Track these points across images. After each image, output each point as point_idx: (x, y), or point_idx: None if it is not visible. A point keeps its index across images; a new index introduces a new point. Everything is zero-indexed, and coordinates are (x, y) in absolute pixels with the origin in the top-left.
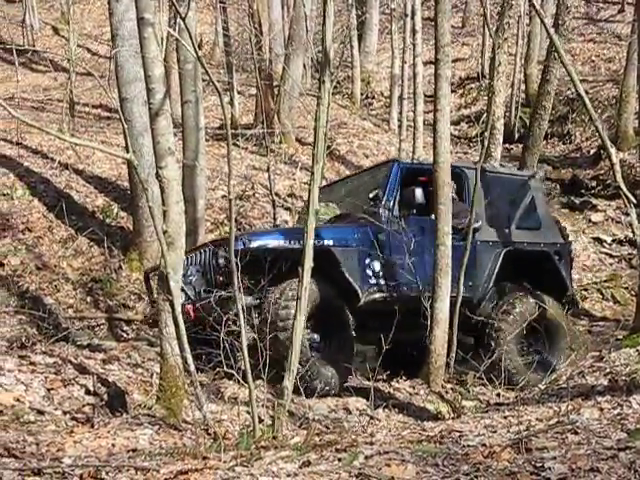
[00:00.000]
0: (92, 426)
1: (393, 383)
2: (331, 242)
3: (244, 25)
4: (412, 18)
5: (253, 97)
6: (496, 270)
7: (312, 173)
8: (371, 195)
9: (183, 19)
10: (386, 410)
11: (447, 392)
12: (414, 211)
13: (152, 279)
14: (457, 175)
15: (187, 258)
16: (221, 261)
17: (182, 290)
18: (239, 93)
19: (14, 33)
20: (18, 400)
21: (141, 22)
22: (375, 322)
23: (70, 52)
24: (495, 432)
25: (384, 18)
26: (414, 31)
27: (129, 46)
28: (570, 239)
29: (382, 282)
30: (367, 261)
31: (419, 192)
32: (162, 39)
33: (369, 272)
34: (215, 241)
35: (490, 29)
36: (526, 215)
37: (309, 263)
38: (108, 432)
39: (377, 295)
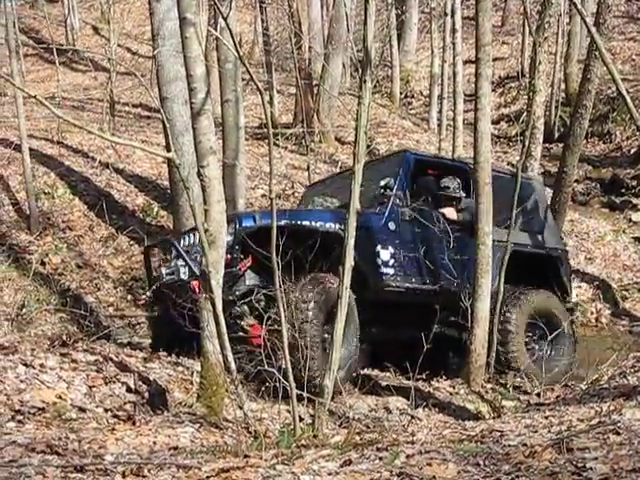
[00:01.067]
0: (133, 424)
1: (433, 382)
2: (340, 225)
3: (283, 24)
4: (452, 17)
5: (292, 96)
6: (500, 271)
7: (353, 172)
8: (382, 183)
9: (225, 19)
10: (426, 409)
11: (487, 392)
12: (427, 203)
13: (152, 256)
14: (463, 171)
15: (192, 234)
16: (229, 238)
17: (187, 265)
18: (278, 92)
19: (55, 33)
20: (60, 397)
21: (183, 22)
22: (384, 316)
23: (110, 51)
24: (536, 432)
25: (423, 17)
26: (454, 30)
27: (170, 45)
28: (567, 247)
29: (392, 272)
30: (377, 249)
31: (433, 183)
32: (202, 38)
33: (379, 260)
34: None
35: (530, 28)
36: (529, 217)
37: (350, 262)
38: (149, 430)
39: (386, 285)
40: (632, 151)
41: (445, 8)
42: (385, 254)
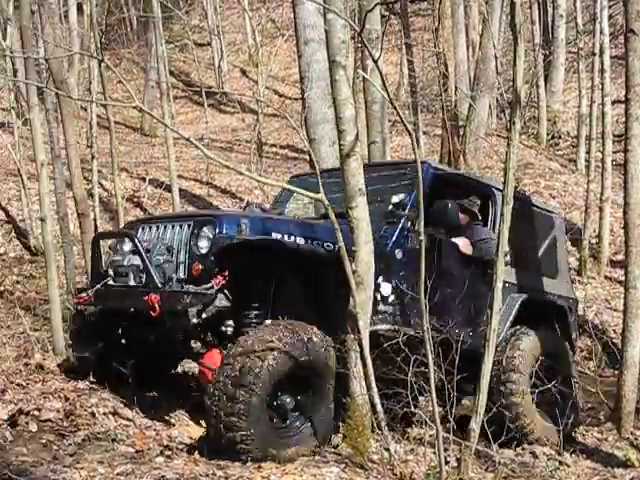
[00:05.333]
0: (279, 462)
1: (580, 429)
2: (332, 245)
3: (429, 65)
4: (600, 57)
5: (438, 137)
6: (511, 317)
7: (501, 215)
8: (395, 199)
9: (375, 61)
10: (574, 455)
11: (636, 438)
12: (442, 231)
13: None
14: (484, 194)
15: (158, 226)
16: (204, 244)
17: (145, 268)
18: (424, 133)
19: (204, 75)
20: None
21: (332, 64)
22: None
23: (258, 93)
24: None
25: (571, 57)
26: (602, 70)
27: (317, 88)
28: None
29: (390, 310)
30: (379, 280)
31: (453, 208)
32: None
33: (377, 295)
34: (199, 215)
35: None
36: (545, 259)
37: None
38: (295, 469)
39: (383, 326)
40: None
41: (593, 48)
42: (386, 288)
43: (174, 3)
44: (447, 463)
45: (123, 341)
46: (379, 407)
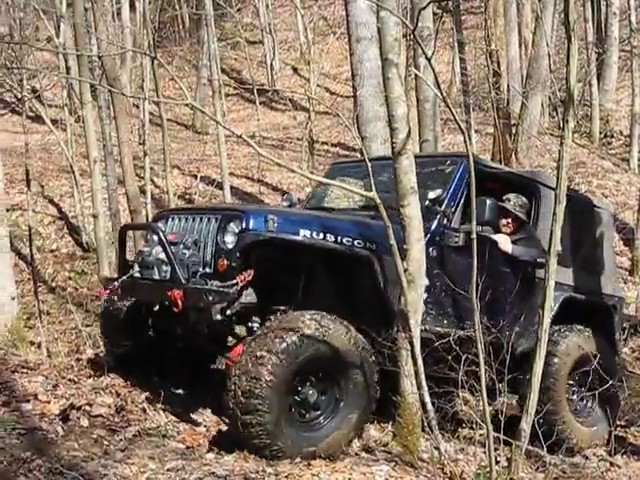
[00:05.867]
0: (330, 459)
1: (632, 429)
2: (370, 244)
3: (481, 64)
4: None
5: (489, 136)
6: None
7: (554, 214)
8: (432, 195)
9: (428, 59)
10: (625, 457)
11: None
12: (481, 228)
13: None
14: (529, 190)
15: (187, 218)
16: (230, 239)
17: (170, 264)
18: (476, 132)
19: (255, 73)
20: None
21: (385, 63)
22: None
23: (310, 91)
24: None
25: (624, 55)
26: None
27: (369, 85)
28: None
29: (423, 311)
30: None
31: (491, 205)
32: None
33: None
34: (227, 209)
35: None
36: (591, 254)
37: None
38: (345, 467)
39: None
40: None
41: None
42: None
43: (226, 1)
44: (497, 463)
45: (153, 334)
46: (429, 406)
